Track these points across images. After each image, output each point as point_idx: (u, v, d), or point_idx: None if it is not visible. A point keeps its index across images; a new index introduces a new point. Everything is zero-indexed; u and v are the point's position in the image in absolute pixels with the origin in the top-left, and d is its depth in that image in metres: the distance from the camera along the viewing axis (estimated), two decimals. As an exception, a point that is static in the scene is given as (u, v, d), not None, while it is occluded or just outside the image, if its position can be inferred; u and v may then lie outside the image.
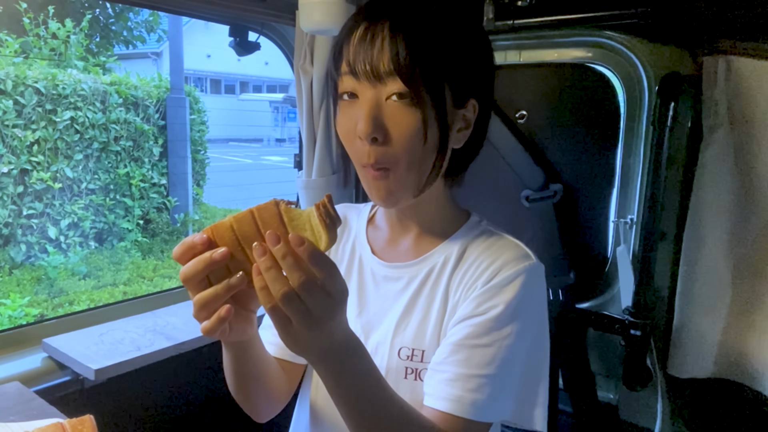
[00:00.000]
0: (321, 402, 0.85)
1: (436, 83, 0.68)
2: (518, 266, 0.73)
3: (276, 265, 0.54)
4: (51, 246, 5.03)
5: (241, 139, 17.30)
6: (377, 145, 0.68)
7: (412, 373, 0.76)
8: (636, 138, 1.46)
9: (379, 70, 0.67)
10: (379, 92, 0.68)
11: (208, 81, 17.96)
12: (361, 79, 0.68)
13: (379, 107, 0.68)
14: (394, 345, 0.77)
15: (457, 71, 0.70)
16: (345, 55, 0.70)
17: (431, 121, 0.68)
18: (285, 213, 0.57)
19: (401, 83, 0.66)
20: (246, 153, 14.88)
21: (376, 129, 0.67)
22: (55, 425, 0.83)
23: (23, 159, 4.78)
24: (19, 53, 5.52)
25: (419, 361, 0.76)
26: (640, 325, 1.40)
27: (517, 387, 0.72)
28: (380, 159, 0.69)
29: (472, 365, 0.69)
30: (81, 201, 5.26)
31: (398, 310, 0.79)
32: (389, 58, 0.66)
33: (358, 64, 0.68)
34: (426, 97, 0.67)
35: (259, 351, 0.76)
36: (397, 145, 0.68)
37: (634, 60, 1.41)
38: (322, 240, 0.56)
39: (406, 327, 0.77)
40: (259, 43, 1.64)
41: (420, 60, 0.66)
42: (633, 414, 1.52)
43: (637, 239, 1.46)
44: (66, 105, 5.02)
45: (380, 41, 0.66)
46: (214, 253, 0.57)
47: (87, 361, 1.21)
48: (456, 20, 0.71)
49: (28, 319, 4.25)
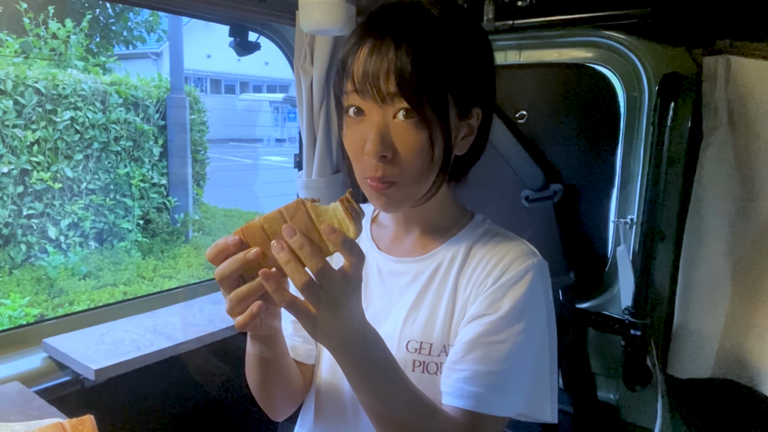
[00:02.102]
0: (324, 419, 0.86)
1: (441, 103, 0.70)
2: (525, 263, 0.75)
3: (294, 257, 0.58)
4: (51, 246, 5.03)
5: (241, 139, 17.28)
6: (385, 162, 0.70)
7: (419, 366, 0.78)
8: (636, 138, 1.46)
9: (386, 91, 0.68)
10: (386, 111, 0.70)
11: (208, 81, 17.94)
12: (367, 99, 0.70)
13: (386, 126, 0.70)
14: (402, 338, 0.79)
15: (462, 86, 0.72)
16: (350, 73, 0.71)
17: (437, 138, 0.70)
18: (312, 209, 0.61)
19: (407, 103, 0.68)
20: (246, 153, 14.86)
21: (384, 148, 0.69)
22: (55, 425, 0.83)
23: (23, 159, 4.78)
24: (19, 53, 5.52)
25: (427, 354, 0.77)
26: (640, 325, 1.40)
27: (530, 380, 0.74)
28: (387, 174, 0.71)
29: (490, 362, 0.71)
30: (81, 201, 5.26)
31: (406, 304, 0.81)
32: (395, 80, 0.67)
33: (365, 85, 0.69)
34: (432, 116, 0.69)
35: (282, 346, 0.79)
36: (405, 162, 0.71)
37: (634, 60, 1.41)
38: (351, 230, 0.61)
39: (415, 321, 0.79)
40: (259, 43, 1.64)
41: (425, 81, 0.68)
42: (633, 414, 1.52)
43: (637, 239, 1.46)
44: (66, 105, 5.02)
45: (386, 63, 0.67)
46: (248, 253, 0.61)
47: (87, 361, 1.21)
48: (460, 33, 0.72)
49: (28, 319, 4.25)
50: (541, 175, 1.54)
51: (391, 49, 0.67)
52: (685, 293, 1.36)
